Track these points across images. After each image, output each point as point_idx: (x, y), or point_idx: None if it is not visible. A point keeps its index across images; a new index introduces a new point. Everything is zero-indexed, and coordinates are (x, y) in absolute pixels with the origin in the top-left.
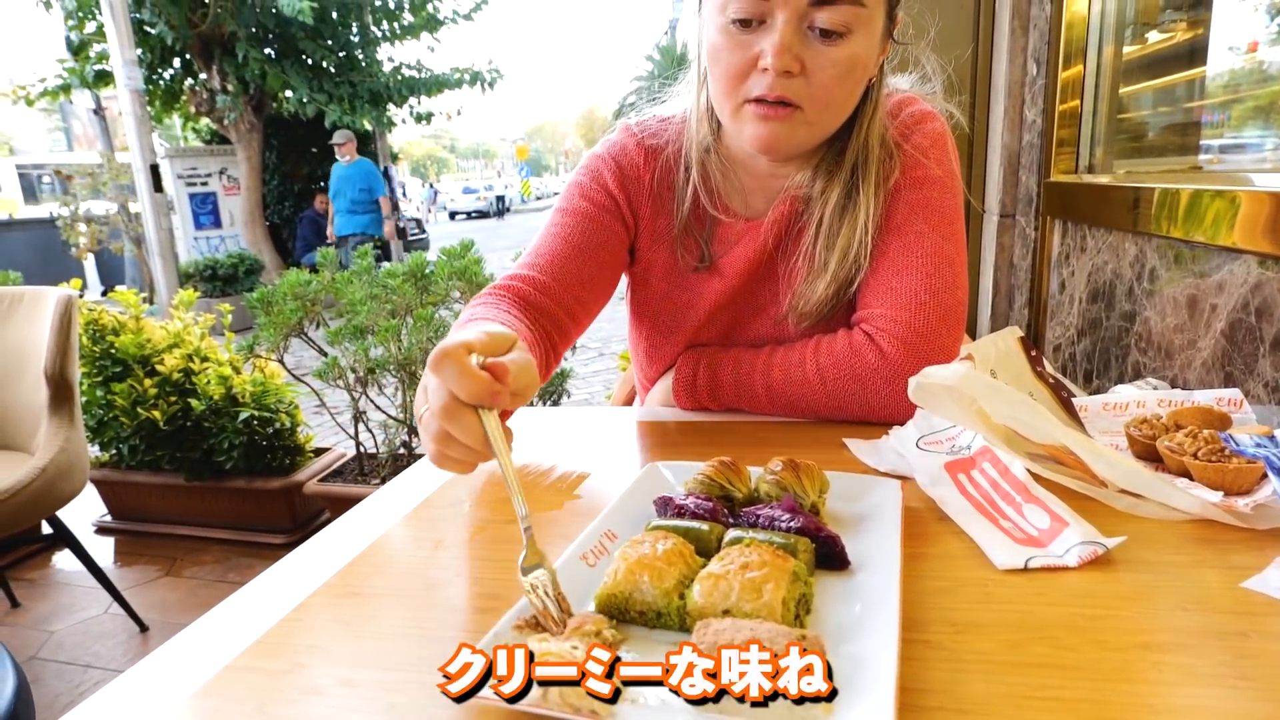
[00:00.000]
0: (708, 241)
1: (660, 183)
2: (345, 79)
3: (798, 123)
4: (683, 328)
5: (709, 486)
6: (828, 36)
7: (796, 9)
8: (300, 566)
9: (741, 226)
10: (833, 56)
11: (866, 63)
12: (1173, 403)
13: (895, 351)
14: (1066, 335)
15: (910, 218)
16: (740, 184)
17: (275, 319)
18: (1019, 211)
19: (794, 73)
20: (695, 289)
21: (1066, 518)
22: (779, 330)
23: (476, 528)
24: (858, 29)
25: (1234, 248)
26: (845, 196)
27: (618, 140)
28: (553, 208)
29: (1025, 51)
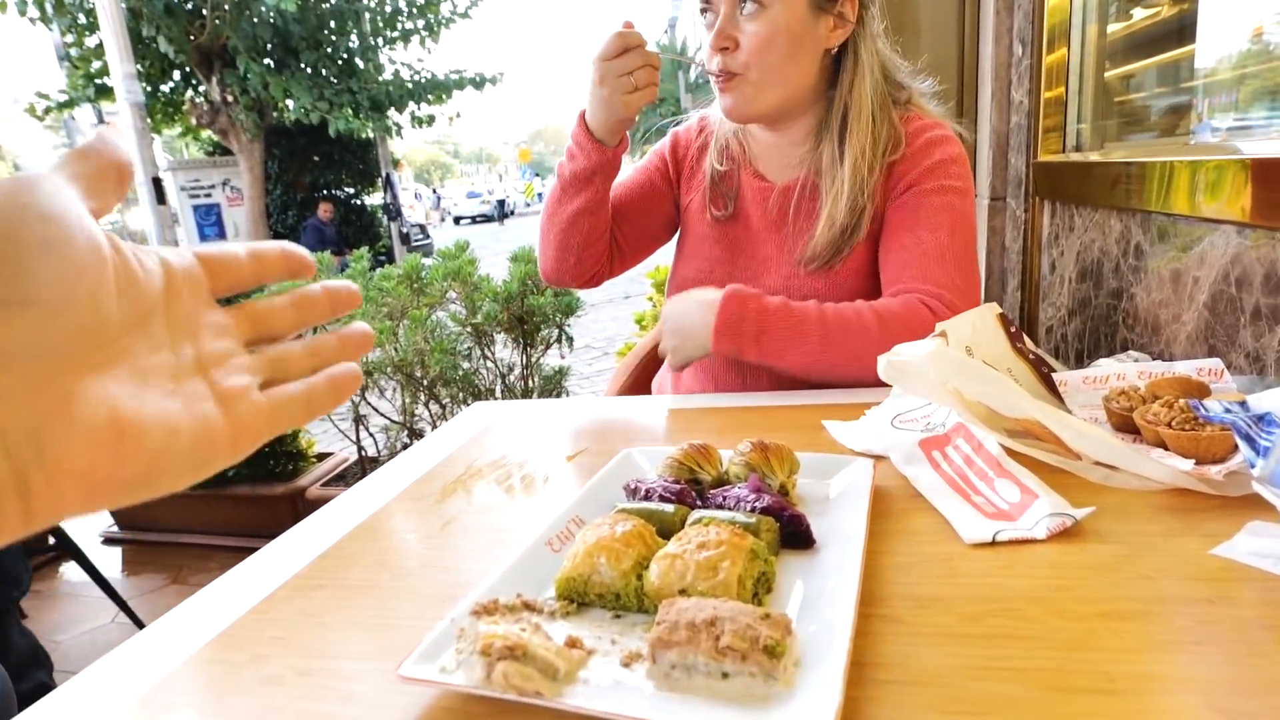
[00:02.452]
0: (734, 197)
1: (701, 148)
2: (345, 86)
3: (742, 85)
4: (710, 272)
5: (678, 470)
6: (749, 13)
7: (730, 3)
8: (271, 561)
9: (760, 186)
10: (755, 28)
11: (794, 30)
12: (1152, 374)
13: (941, 311)
14: (1058, 315)
15: (943, 213)
16: (759, 152)
17: None
18: (1009, 194)
19: (730, 49)
20: (721, 236)
21: (1037, 490)
22: (789, 282)
23: (447, 519)
24: (772, 3)
25: (1212, 218)
26: (834, 155)
27: (686, 120)
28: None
29: (1010, 33)
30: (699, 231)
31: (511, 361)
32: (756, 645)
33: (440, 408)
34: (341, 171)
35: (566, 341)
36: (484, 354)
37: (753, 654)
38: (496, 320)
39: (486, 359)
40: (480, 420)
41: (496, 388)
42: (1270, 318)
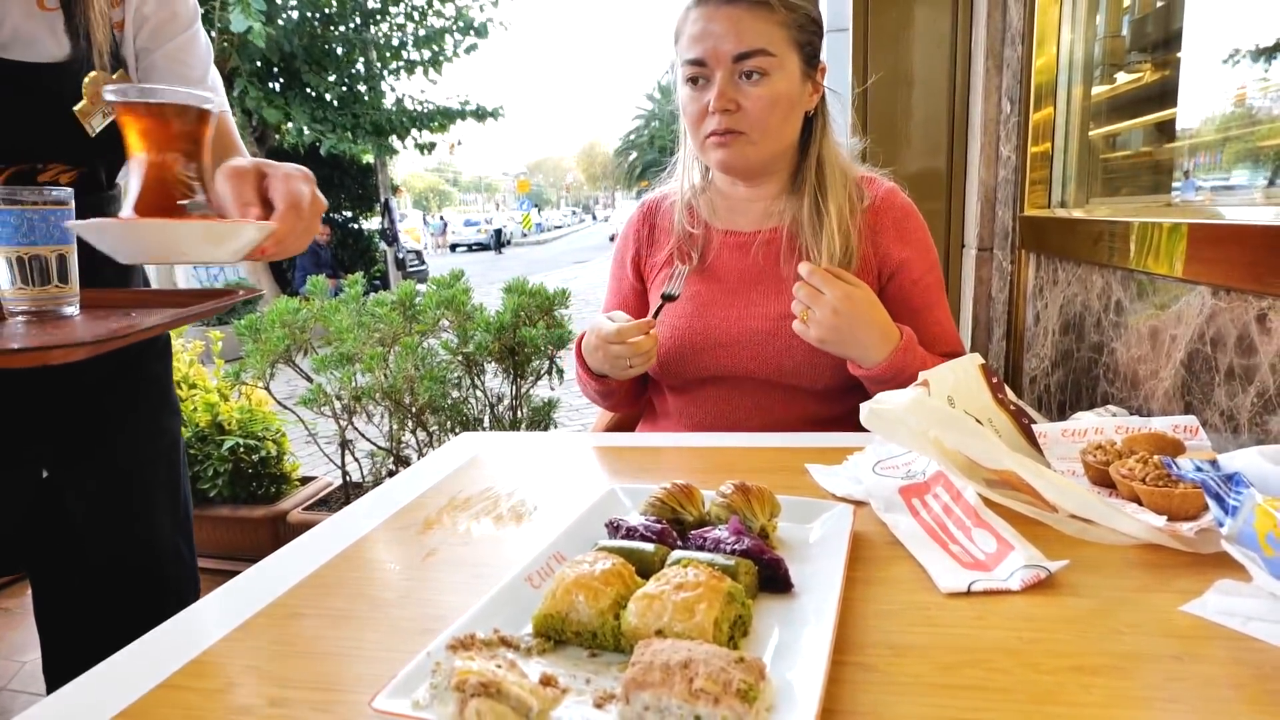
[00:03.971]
0: (702, 249)
1: (661, 218)
2: (348, 110)
3: (744, 144)
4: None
5: (660, 509)
6: (751, 78)
7: (727, 67)
8: (250, 587)
9: (736, 239)
10: (757, 94)
11: (791, 95)
12: (1129, 430)
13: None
14: (1041, 367)
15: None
16: (729, 206)
17: (263, 346)
18: (996, 245)
19: (733, 110)
20: (693, 295)
21: (1013, 541)
22: (780, 323)
23: (429, 550)
24: (775, 72)
25: (1188, 279)
26: (814, 203)
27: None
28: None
29: (999, 90)
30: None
31: (501, 392)
32: (730, 689)
33: (428, 436)
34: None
35: (557, 374)
36: (474, 383)
37: (725, 698)
38: (488, 350)
39: (476, 388)
40: (467, 451)
41: (485, 417)
42: (1243, 378)
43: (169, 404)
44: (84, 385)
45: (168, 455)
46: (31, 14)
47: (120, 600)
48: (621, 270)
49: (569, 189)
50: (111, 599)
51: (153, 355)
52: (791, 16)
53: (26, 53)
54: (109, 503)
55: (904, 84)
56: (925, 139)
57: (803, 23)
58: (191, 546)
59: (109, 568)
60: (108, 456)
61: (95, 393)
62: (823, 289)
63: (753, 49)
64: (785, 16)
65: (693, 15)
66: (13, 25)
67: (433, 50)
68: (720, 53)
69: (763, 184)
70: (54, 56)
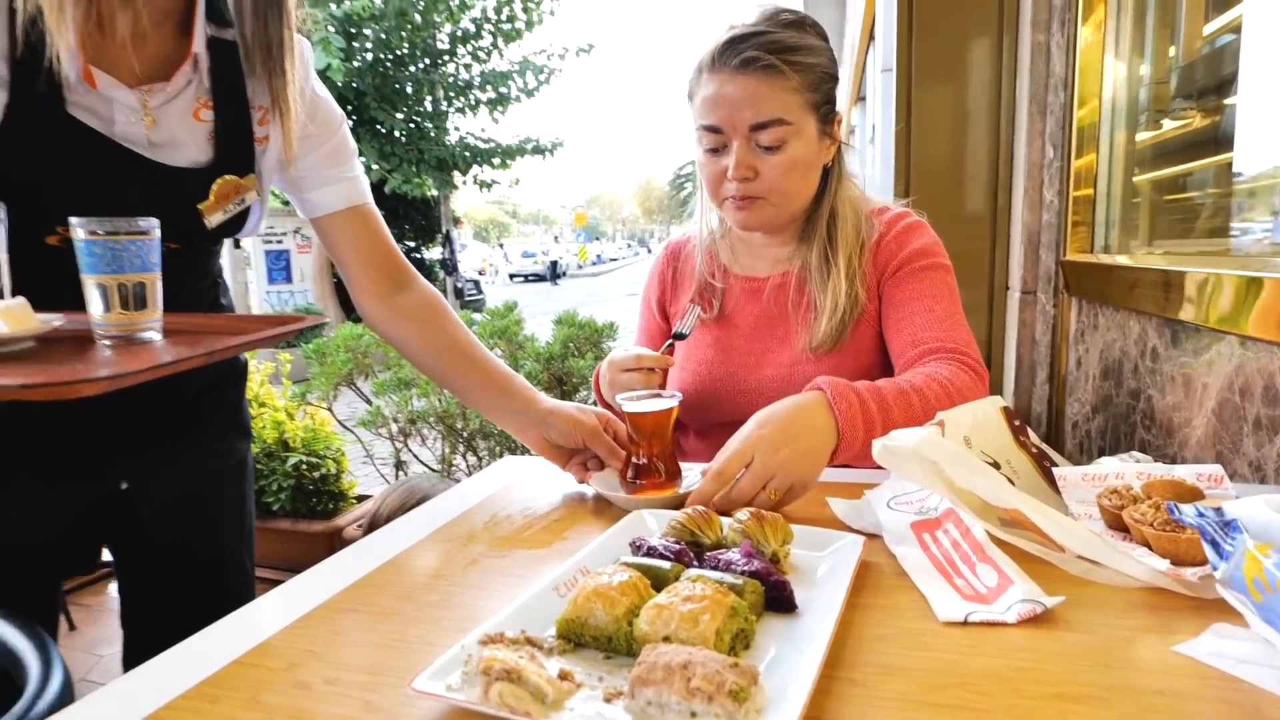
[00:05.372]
0: (720, 296)
1: (684, 262)
2: (414, 146)
3: (763, 207)
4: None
5: (680, 532)
6: (770, 149)
7: (744, 136)
8: (310, 584)
9: (746, 284)
10: (775, 162)
11: (808, 159)
12: (1150, 476)
13: (979, 371)
14: (1083, 412)
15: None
16: (747, 250)
17: (328, 369)
18: (1039, 288)
19: (750, 178)
20: (713, 340)
21: (1013, 576)
22: (791, 372)
23: (470, 560)
24: (792, 139)
25: (1217, 328)
26: (822, 253)
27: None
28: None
29: (1043, 135)
30: (688, 339)
31: None
32: (723, 689)
33: (478, 459)
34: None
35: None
36: None
37: (718, 696)
38: (537, 379)
39: None
40: (507, 474)
41: None
42: (1270, 428)
43: (241, 426)
44: (163, 407)
45: (236, 474)
46: (187, 124)
47: (189, 603)
48: (649, 310)
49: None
50: (182, 602)
51: (230, 380)
52: (806, 79)
53: (174, 157)
54: (180, 516)
55: (948, 126)
56: (969, 181)
57: (817, 81)
58: (252, 558)
59: (180, 574)
60: (181, 474)
61: (174, 413)
62: (747, 473)
63: (770, 119)
64: (800, 81)
65: (705, 79)
66: (170, 132)
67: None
68: (737, 121)
69: (778, 231)
70: (196, 162)
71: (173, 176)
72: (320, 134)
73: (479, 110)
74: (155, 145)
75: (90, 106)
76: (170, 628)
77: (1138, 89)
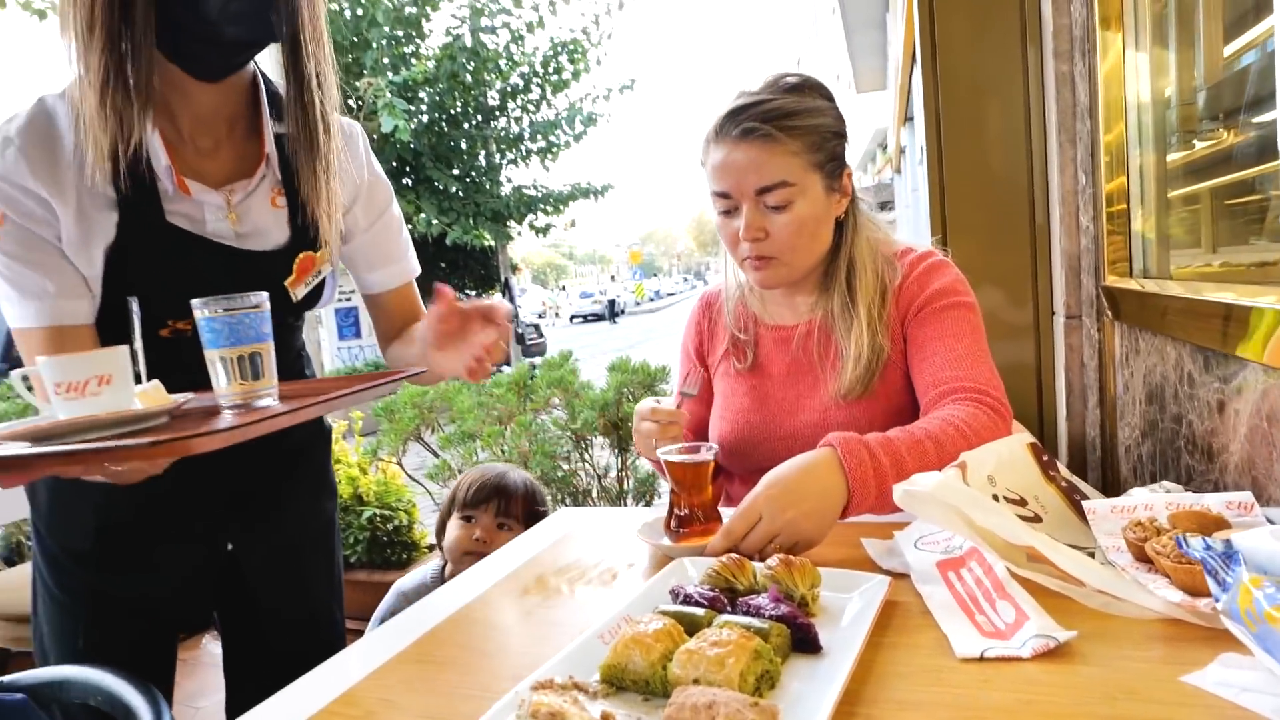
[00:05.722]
0: (752, 346)
1: (715, 318)
2: (470, 199)
3: (777, 266)
4: (746, 422)
5: (715, 579)
6: (777, 209)
7: (752, 199)
8: (386, 637)
9: (776, 333)
10: (783, 221)
11: (816, 214)
12: (1179, 506)
13: (1000, 409)
14: (1133, 436)
15: (962, 324)
16: (773, 301)
17: (396, 425)
18: (1083, 312)
19: (761, 238)
20: (749, 389)
21: (1030, 612)
22: (824, 417)
23: (526, 611)
24: (797, 199)
25: (1241, 356)
26: (843, 302)
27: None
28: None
29: (1075, 162)
30: (726, 390)
31: (608, 464)
32: None
33: None
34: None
35: None
36: (582, 457)
37: None
38: (594, 426)
39: (585, 462)
40: (562, 526)
41: (593, 489)
42: None
43: (328, 487)
44: (262, 471)
45: (325, 532)
46: (266, 212)
47: (285, 654)
48: (688, 357)
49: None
50: (278, 653)
51: (318, 444)
52: (805, 142)
53: (258, 243)
54: (276, 573)
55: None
56: (1006, 208)
57: (819, 141)
58: (342, 610)
59: (276, 627)
60: (275, 533)
61: (270, 478)
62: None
63: (772, 183)
64: (800, 144)
65: (713, 148)
66: (252, 222)
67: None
68: (743, 186)
69: (801, 281)
70: (278, 244)
71: (259, 260)
72: (374, 206)
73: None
74: (241, 236)
75: (185, 212)
76: (268, 678)
77: (1163, 112)
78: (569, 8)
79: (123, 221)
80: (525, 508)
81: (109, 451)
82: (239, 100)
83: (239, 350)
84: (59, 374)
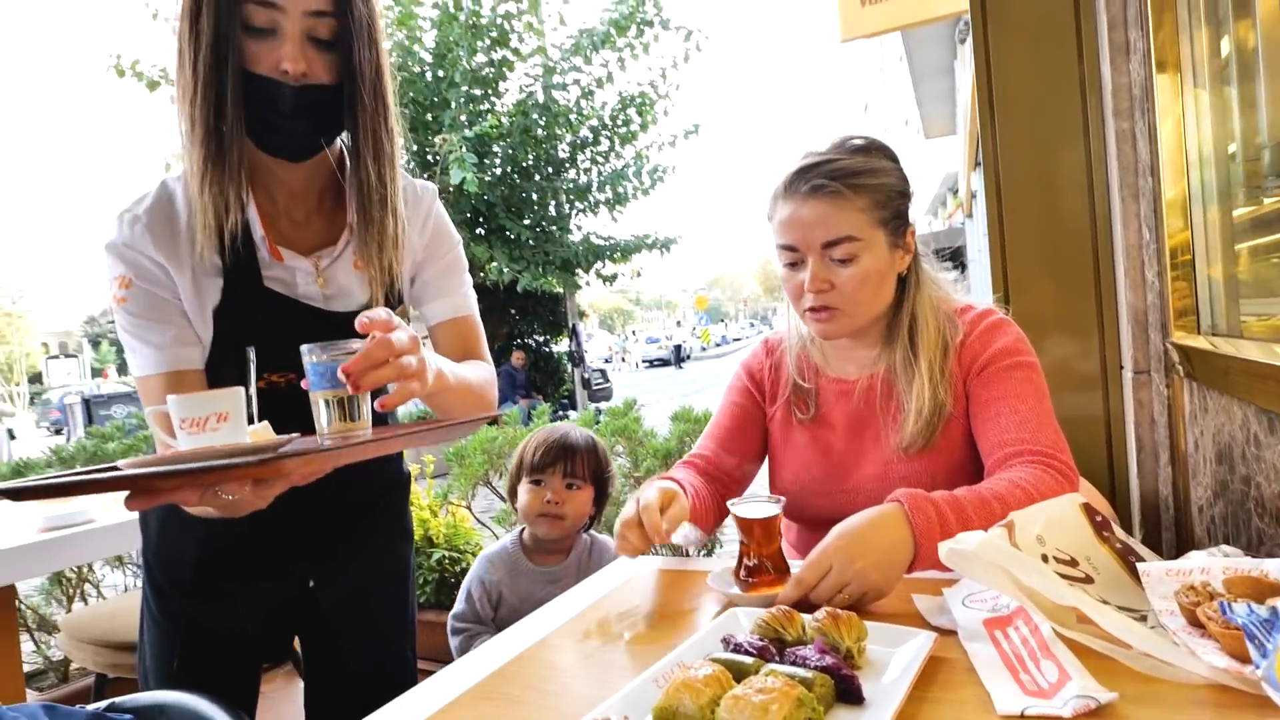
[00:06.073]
0: (814, 397)
1: (778, 364)
2: (541, 249)
3: (840, 317)
4: (808, 473)
5: (765, 629)
6: (842, 262)
7: (818, 252)
8: (454, 677)
9: (839, 386)
10: (848, 274)
11: (880, 269)
12: (1237, 571)
13: (1067, 473)
14: (1205, 496)
15: (1026, 385)
16: (836, 353)
17: (466, 470)
18: (1152, 368)
19: (826, 289)
20: (811, 440)
21: (1072, 672)
22: (885, 470)
23: (587, 654)
24: (862, 253)
25: None
26: (905, 356)
27: (753, 349)
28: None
29: (1139, 218)
30: (788, 439)
31: None
32: None
33: None
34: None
35: None
36: None
37: None
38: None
39: None
40: (625, 572)
41: None
42: None
43: (404, 530)
44: (343, 514)
45: (401, 574)
46: (350, 275)
47: (360, 690)
48: (739, 397)
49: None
50: (354, 688)
51: (397, 490)
52: (872, 199)
53: (344, 304)
54: (353, 611)
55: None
56: (1070, 261)
57: (884, 199)
58: (414, 649)
59: (353, 663)
60: (354, 573)
61: (350, 520)
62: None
63: (839, 237)
64: (866, 201)
65: (781, 204)
66: (338, 285)
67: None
68: (810, 240)
69: (863, 336)
70: (361, 304)
71: (346, 320)
72: (437, 253)
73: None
74: (329, 297)
75: (279, 277)
76: (344, 713)
77: (1226, 169)
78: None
79: (227, 286)
80: (592, 466)
81: (219, 470)
82: (325, 176)
83: (339, 393)
84: (183, 411)
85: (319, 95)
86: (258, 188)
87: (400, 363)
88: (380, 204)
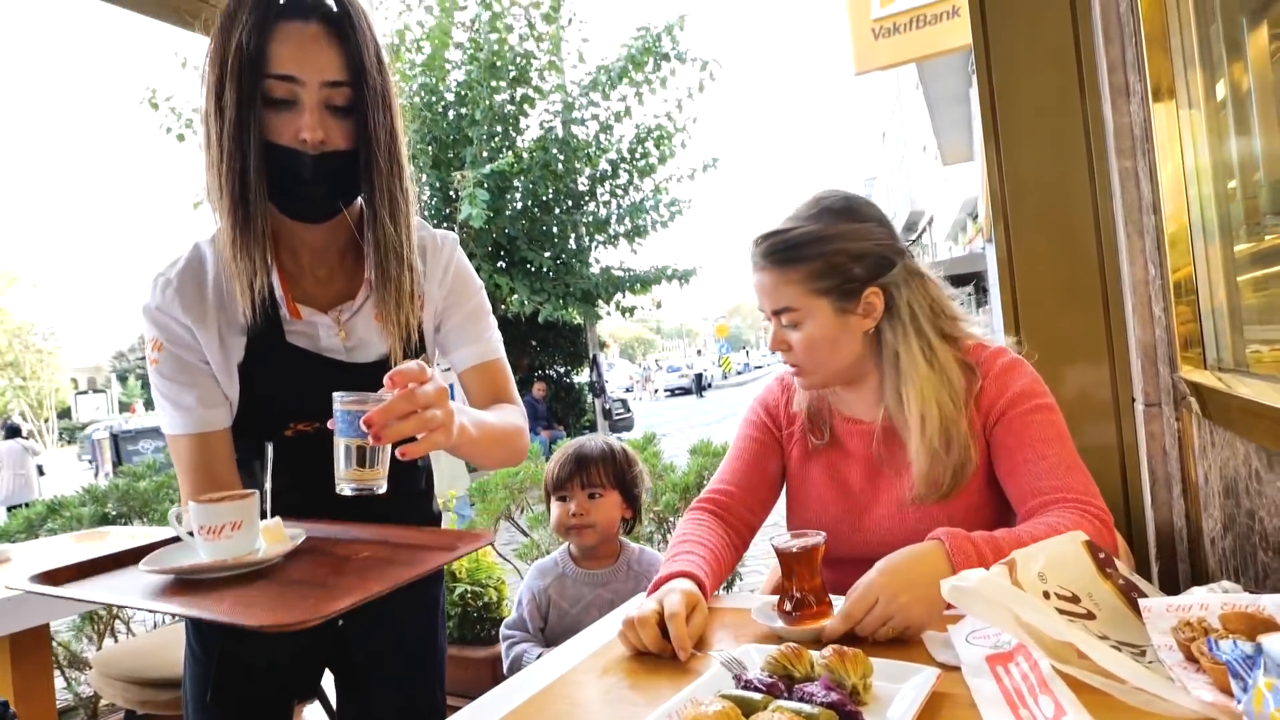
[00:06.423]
0: (828, 425)
1: (789, 400)
2: (561, 280)
3: (806, 373)
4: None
5: (774, 666)
6: (790, 327)
7: (772, 316)
8: (485, 707)
9: (857, 428)
10: (797, 338)
11: (828, 334)
12: (1235, 607)
13: (1104, 518)
14: (1216, 529)
15: (1049, 428)
16: (844, 397)
17: (488, 505)
18: (1163, 400)
19: (784, 350)
20: (828, 467)
21: (1067, 707)
22: (901, 514)
23: (606, 689)
24: (804, 320)
25: None
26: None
27: (767, 385)
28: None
29: (1144, 254)
30: (805, 475)
31: None
32: None
33: None
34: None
35: None
36: (664, 538)
37: None
38: (674, 508)
39: (667, 543)
40: None
41: None
42: None
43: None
44: None
45: (430, 611)
46: (370, 327)
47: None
48: (755, 431)
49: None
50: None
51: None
52: (809, 270)
53: (366, 355)
54: (382, 648)
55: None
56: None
57: (826, 269)
58: (443, 689)
59: (381, 698)
60: (383, 612)
61: None
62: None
63: (779, 307)
64: (803, 273)
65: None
66: (359, 337)
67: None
68: (765, 305)
69: (860, 384)
70: (383, 355)
71: (368, 370)
72: (459, 301)
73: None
74: (350, 350)
75: (301, 331)
76: None
77: (1226, 207)
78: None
79: (250, 344)
80: (611, 471)
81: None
82: (345, 234)
83: (362, 442)
84: (202, 519)
85: (337, 161)
86: (282, 248)
87: (425, 415)
88: (397, 261)
